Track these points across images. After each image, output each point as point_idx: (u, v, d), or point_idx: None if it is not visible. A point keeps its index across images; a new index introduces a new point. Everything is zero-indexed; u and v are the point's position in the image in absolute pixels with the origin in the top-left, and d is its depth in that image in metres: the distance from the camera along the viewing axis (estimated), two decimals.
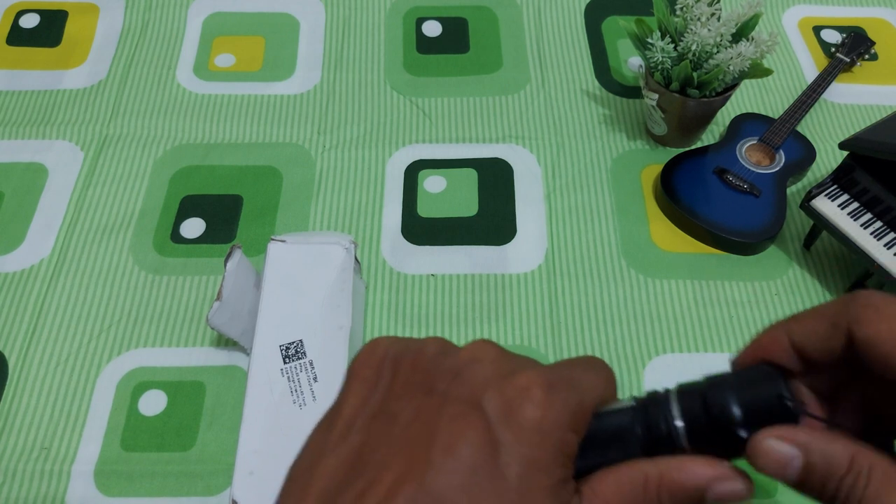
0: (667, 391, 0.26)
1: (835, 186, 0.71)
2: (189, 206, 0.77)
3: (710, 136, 0.84)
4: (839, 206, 0.70)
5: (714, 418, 0.24)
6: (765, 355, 0.26)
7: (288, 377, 0.56)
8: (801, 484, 0.23)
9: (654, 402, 0.25)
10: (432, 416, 0.23)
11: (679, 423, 0.24)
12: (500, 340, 0.68)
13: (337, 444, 0.24)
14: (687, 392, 0.25)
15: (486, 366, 0.25)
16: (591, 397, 0.25)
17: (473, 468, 0.21)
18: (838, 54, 0.87)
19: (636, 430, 0.25)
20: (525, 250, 0.74)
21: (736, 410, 0.24)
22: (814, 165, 0.80)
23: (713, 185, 0.76)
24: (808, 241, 0.74)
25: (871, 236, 0.68)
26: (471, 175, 0.80)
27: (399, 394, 0.25)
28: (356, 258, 0.64)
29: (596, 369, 0.26)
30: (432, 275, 0.72)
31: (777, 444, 0.23)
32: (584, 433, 0.24)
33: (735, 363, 0.27)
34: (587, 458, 0.24)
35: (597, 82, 0.88)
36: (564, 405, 0.24)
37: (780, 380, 0.24)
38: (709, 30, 0.70)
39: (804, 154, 0.78)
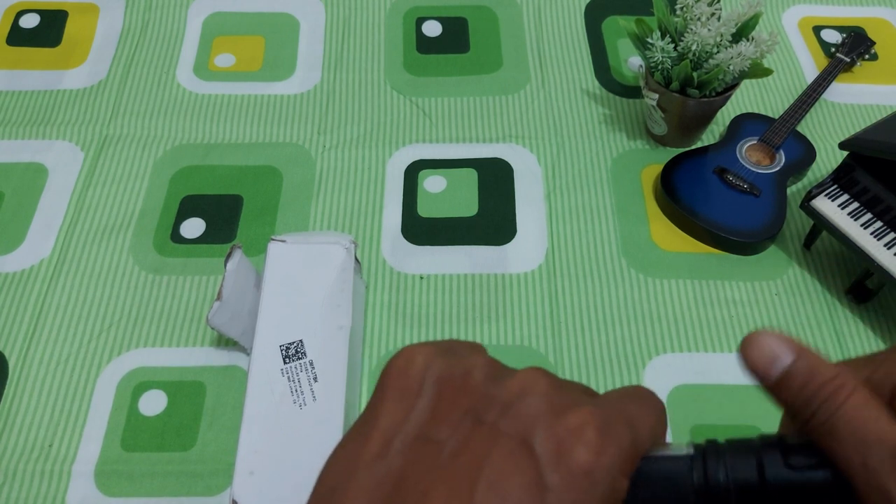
0: (727, 442, 0.25)
1: (835, 186, 0.71)
2: (189, 206, 0.77)
3: (710, 136, 0.84)
4: (839, 206, 0.70)
5: (768, 485, 0.23)
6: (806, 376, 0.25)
7: (288, 377, 0.56)
8: (780, 383, 0.24)
9: (714, 453, 0.24)
10: (480, 450, 0.22)
11: (734, 481, 0.23)
12: (500, 340, 0.69)
13: (373, 463, 0.23)
14: (743, 448, 0.24)
15: (538, 399, 0.23)
16: (645, 437, 0.24)
17: None
18: (838, 54, 0.87)
19: (692, 480, 0.23)
20: (525, 250, 0.74)
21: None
22: (814, 165, 0.80)
23: (713, 184, 0.76)
24: (808, 241, 0.74)
25: (871, 236, 0.68)
26: (471, 175, 0.80)
27: (444, 419, 0.23)
28: (356, 258, 0.64)
29: (649, 405, 0.25)
30: (421, 276, 0.72)
31: (772, 338, 0.24)
32: (632, 474, 0.23)
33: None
34: (634, 502, 0.23)
35: (597, 82, 0.88)
36: (618, 449, 0.22)
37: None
38: (709, 30, 0.70)
39: (804, 154, 0.78)
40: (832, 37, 0.93)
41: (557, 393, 0.24)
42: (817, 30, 0.94)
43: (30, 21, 0.93)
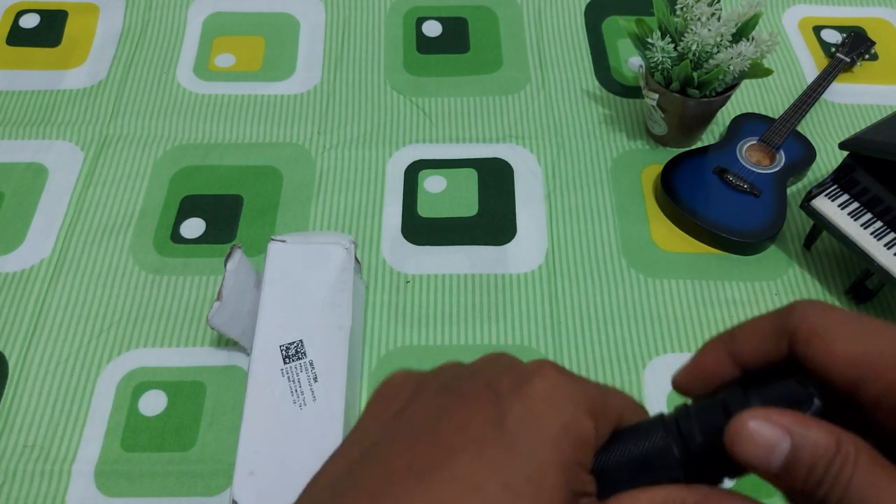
0: (693, 403, 0.25)
1: (835, 186, 0.71)
2: (189, 206, 0.77)
3: (710, 136, 0.84)
4: (839, 206, 0.70)
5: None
6: (706, 373, 0.25)
7: (288, 377, 0.56)
8: (784, 472, 0.21)
9: (686, 416, 0.24)
10: (444, 405, 0.23)
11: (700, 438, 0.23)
12: (500, 340, 0.68)
13: (347, 449, 0.24)
14: (707, 401, 0.24)
15: (504, 361, 0.25)
16: (615, 400, 0.24)
17: (476, 436, 0.21)
18: (838, 54, 0.87)
19: (671, 446, 0.23)
20: (525, 250, 0.74)
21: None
22: (814, 165, 0.80)
23: (713, 185, 0.76)
24: (808, 241, 0.74)
25: (871, 236, 0.68)
26: (471, 175, 0.80)
27: (418, 398, 0.25)
28: (356, 258, 0.64)
29: (618, 390, 0.26)
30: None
31: (762, 426, 0.21)
32: (603, 431, 0.24)
33: (675, 382, 0.26)
34: (615, 476, 0.23)
35: (597, 82, 0.88)
36: (581, 386, 0.23)
37: (807, 384, 0.23)
38: (709, 30, 0.70)
39: (804, 154, 0.78)
40: (832, 37, 0.93)
41: (519, 361, 0.25)
42: (817, 30, 0.94)
43: (30, 21, 0.93)
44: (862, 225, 0.68)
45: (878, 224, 0.68)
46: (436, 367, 0.26)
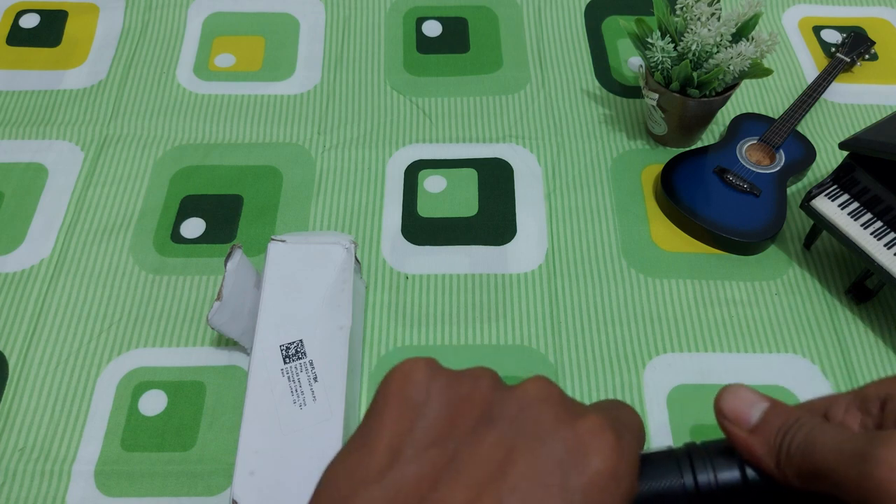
0: (704, 444, 0.26)
1: (835, 186, 0.71)
2: (189, 206, 0.77)
3: (710, 136, 0.84)
4: (839, 205, 0.70)
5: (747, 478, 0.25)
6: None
7: (288, 377, 0.56)
8: (760, 426, 0.25)
9: (700, 456, 0.25)
10: (499, 454, 0.22)
11: (730, 476, 0.25)
12: (500, 340, 0.68)
13: (382, 474, 0.22)
14: (727, 450, 0.26)
15: (554, 405, 0.24)
16: (641, 441, 0.25)
17: None
18: (838, 54, 0.87)
19: (685, 481, 0.25)
20: (525, 250, 0.74)
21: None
22: (814, 165, 0.80)
23: (713, 184, 0.76)
24: (808, 241, 0.74)
25: (871, 236, 0.68)
26: (471, 175, 0.80)
27: (456, 425, 0.23)
28: (356, 258, 0.64)
29: (633, 413, 0.26)
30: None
31: (747, 388, 0.26)
32: None
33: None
34: None
35: (597, 82, 0.88)
36: (630, 451, 0.23)
37: None
38: (709, 29, 0.70)
39: (804, 154, 0.78)
40: (832, 37, 0.93)
41: (569, 400, 0.24)
42: (817, 30, 0.94)
43: (30, 21, 0.93)
44: (862, 225, 0.68)
45: (878, 224, 0.68)
46: (471, 375, 0.25)
